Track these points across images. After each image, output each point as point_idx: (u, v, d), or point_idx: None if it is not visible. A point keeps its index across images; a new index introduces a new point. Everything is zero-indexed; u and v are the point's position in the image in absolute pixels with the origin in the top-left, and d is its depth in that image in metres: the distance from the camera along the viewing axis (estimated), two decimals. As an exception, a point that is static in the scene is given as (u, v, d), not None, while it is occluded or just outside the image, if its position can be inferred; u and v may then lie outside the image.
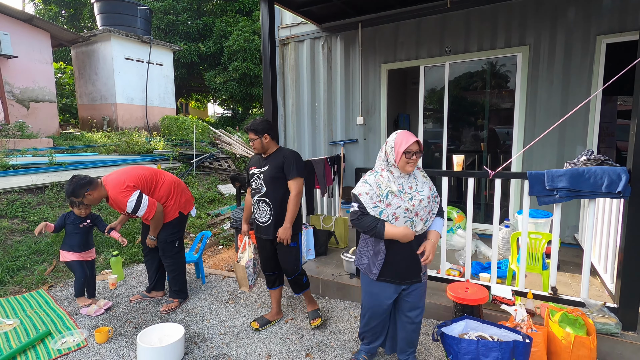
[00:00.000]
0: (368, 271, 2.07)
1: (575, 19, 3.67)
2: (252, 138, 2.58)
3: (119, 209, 2.86)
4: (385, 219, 1.92)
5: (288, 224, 2.57)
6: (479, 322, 2.18)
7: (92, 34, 10.18)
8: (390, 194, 1.92)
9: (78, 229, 3.04)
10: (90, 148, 7.60)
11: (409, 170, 1.93)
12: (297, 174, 2.59)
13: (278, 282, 2.87)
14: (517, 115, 4.07)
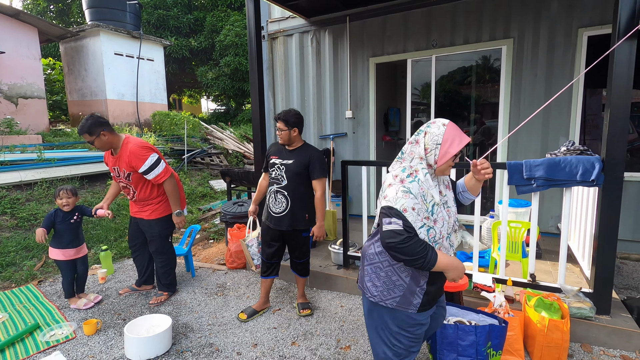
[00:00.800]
0: (404, 304, 1.49)
1: (557, 12, 3.72)
2: (282, 128, 2.61)
3: (128, 165, 2.80)
4: (433, 239, 1.43)
5: (321, 222, 2.70)
6: (459, 308, 2.25)
7: (80, 29, 10.06)
8: (435, 206, 1.44)
9: (69, 226, 2.92)
10: (80, 144, 7.55)
11: (446, 175, 1.55)
12: (322, 174, 2.68)
13: (274, 272, 2.90)
14: (502, 106, 4.13)
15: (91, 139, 2.71)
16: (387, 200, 1.39)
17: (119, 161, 2.85)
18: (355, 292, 3.17)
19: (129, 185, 2.93)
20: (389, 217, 1.36)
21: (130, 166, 2.81)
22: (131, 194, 2.98)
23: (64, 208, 2.87)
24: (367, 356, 2.34)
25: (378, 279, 1.52)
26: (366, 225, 3.24)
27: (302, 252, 2.83)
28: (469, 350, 1.96)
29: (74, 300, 3.05)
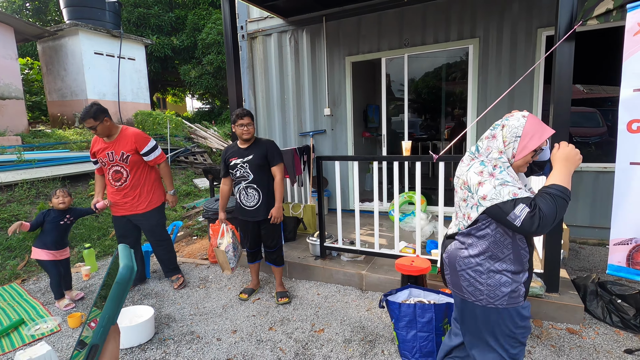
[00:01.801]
0: (514, 300, 1.42)
1: (518, 13, 3.95)
2: (249, 122, 2.80)
3: (131, 146, 3.01)
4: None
5: (279, 203, 2.88)
6: (422, 290, 2.44)
7: (58, 29, 9.93)
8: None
9: (57, 227, 2.96)
10: (61, 145, 7.52)
11: (522, 171, 1.47)
12: (280, 160, 2.90)
13: (259, 257, 3.17)
14: (470, 101, 4.35)
15: (95, 124, 2.87)
16: (490, 200, 1.31)
17: (115, 145, 3.01)
18: (331, 280, 3.35)
19: (123, 169, 3.05)
20: (511, 213, 1.26)
21: (132, 147, 3.01)
22: (123, 179, 3.06)
23: (60, 206, 2.94)
24: (338, 337, 2.52)
25: (481, 282, 1.43)
26: (340, 218, 3.41)
27: (274, 240, 3.00)
28: (427, 326, 2.15)
29: (64, 301, 3.05)
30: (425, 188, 5.25)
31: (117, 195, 3.12)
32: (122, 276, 0.30)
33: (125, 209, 3.14)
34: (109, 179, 3.11)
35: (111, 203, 3.13)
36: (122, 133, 3.05)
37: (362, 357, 2.30)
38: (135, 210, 3.14)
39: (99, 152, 3.06)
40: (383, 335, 2.51)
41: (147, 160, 3.10)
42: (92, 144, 3.11)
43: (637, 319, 2.40)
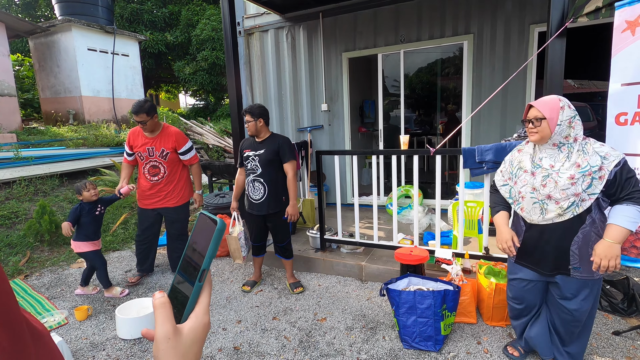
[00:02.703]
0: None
1: (512, 10, 4.04)
2: (248, 120, 2.86)
3: (173, 143, 3.16)
4: (512, 197, 1.83)
5: (293, 201, 2.92)
6: (420, 278, 2.54)
7: (51, 24, 9.83)
8: (519, 170, 1.80)
9: (94, 218, 3.06)
10: (57, 142, 7.49)
11: (534, 140, 1.73)
12: (292, 158, 2.92)
13: (263, 251, 3.25)
14: (464, 97, 4.45)
15: (147, 119, 3.01)
16: None
17: (157, 141, 3.13)
18: (332, 272, 3.44)
19: (161, 165, 3.18)
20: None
21: (173, 145, 3.16)
22: (160, 174, 3.19)
23: (93, 198, 3.00)
24: (340, 325, 2.61)
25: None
26: (340, 210, 3.49)
27: (283, 234, 3.07)
28: (426, 312, 2.25)
29: (113, 289, 3.15)
30: (421, 182, 5.37)
31: (151, 189, 3.21)
32: (220, 225, 0.44)
33: (157, 202, 3.25)
34: (144, 172, 3.19)
35: (135, 189, 3.19)
36: (164, 130, 3.17)
37: (364, 343, 2.39)
38: (167, 203, 3.25)
39: (138, 146, 3.15)
40: (384, 323, 2.60)
41: (182, 159, 3.26)
42: (131, 137, 3.20)
43: (624, 304, 2.52)
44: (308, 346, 2.39)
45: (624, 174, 1.59)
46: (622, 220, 1.57)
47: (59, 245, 4.32)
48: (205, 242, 0.44)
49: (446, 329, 2.28)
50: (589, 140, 1.70)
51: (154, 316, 0.42)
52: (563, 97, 1.74)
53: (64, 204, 5.07)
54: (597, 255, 1.60)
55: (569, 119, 1.68)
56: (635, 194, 1.58)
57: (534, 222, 1.78)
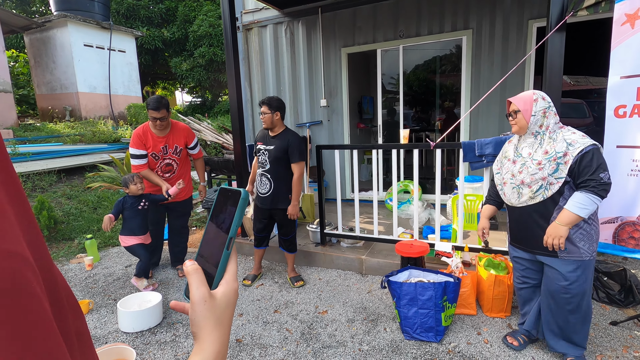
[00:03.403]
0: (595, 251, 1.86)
1: (510, 5, 4.06)
2: (265, 112, 2.86)
3: (185, 140, 3.19)
4: (499, 183, 2.04)
5: (295, 202, 2.94)
6: (421, 270, 2.56)
7: (46, 20, 9.75)
8: (504, 159, 2.00)
9: (138, 212, 3.01)
10: (54, 138, 7.45)
11: (514, 132, 1.94)
12: (300, 159, 2.90)
13: (264, 244, 3.26)
14: (463, 92, 4.47)
15: (165, 115, 2.98)
16: None
17: (170, 139, 3.11)
18: (332, 265, 3.45)
19: (175, 162, 3.18)
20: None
21: (184, 141, 3.18)
22: (173, 170, 3.21)
23: (139, 192, 2.96)
24: (341, 317, 2.63)
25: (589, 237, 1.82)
26: (340, 205, 3.50)
27: (288, 229, 3.09)
28: (427, 303, 2.27)
29: (141, 281, 3.08)
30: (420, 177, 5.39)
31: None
32: (244, 193, 0.45)
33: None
34: (157, 172, 3.16)
35: (182, 184, 3.08)
36: (174, 127, 3.15)
37: (365, 334, 2.41)
38: (177, 198, 3.24)
39: (151, 147, 3.06)
40: (384, 315, 2.63)
41: (191, 154, 3.29)
42: (140, 138, 3.02)
43: (621, 295, 2.56)
44: (310, 338, 2.41)
45: (583, 162, 1.71)
46: (571, 206, 1.74)
47: (58, 241, 4.31)
48: (229, 212, 0.46)
49: (447, 320, 2.30)
50: (563, 129, 1.84)
51: (189, 281, 0.43)
52: (538, 91, 1.92)
53: (62, 200, 5.06)
54: (546, 235, 1.82)
55: (542, 110, 1.85)
56: (590, 182, 1.70)
57: (513, 205, 1.97)
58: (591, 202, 1.70)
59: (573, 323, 1.92)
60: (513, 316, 2.51)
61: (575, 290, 1.85)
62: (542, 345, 2.19)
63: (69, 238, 4.39)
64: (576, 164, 1.72)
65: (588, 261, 1.84)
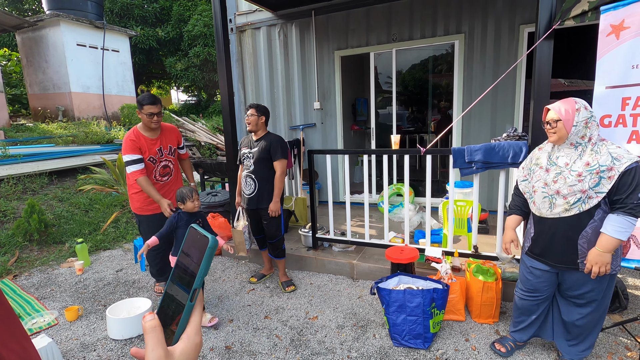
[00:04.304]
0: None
1: (502, 10, 4.07)
2: (252, 113, 2.96)
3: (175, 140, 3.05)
4: (527, 191, 1.95)
5: (277, 198, 2.99)
6: (410, 277, 2.57)
7: (39, 19, 9.65)
8: (535, 166, 1.92)
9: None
10: (46, 139, 7.38)
11: (552, 141, 1.84)
12: (282, 156, 2.97)
13: (265, 245, 3.28)
14: (455, 96, 4.49)
15: (161, 110, 2.85)
16: None
17: (163, 139, 2.94)
18: (324, 270, 3.46)
19: (171, 163, 3.01)
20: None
21: (176, 141, 3.05)
22: (169, 173, 3.02)
23: (195, 209, 2.61)
24: (331, 323, 2.63)
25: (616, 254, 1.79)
26: (332, 209, 3.51)
27: (272, 231, 3.09)
28: (416, 310, 2.28)
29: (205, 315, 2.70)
30: (413, 180, 5.41)
31: (162, 190, 2.95)
32: (212, 241, 0.42)
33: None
34: (155, 176, 2.92)
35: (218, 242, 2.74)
36: (163, 128, 2.99)
37: (354, 341, 2.42)
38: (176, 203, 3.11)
39: (146, 150, 2.84)
40: (374, 321, 2.64)
41: (181, 154, 3.16)
42: (135, 143, 2.78)
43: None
44: (299, 345, 2.41)
45: (624, 179, 1.64)
46: (612, 231, 1.67)
47: (49, 244, 4.28)
48: (197, 259, 0.43)
49: (435, 326, 2.32)
50: (606, 142, 1.75)
51: (145, 340, 0.42)
52: (579, 99, 1.80)
53: (54, 203, 5.02)
54: (589, 262, 1.74)
55: (585, 120, 1.75)
56: (628, 203, 1.64)
57: (543, 216, 1.88)
58: (630, 225, 1.66)
59: (585, 331, 1.95)
60: (501, 322, 2.53)
61: (594, 297, 1.86)
62: (529, 352, 2.21)
63: (59, 241, 4.36)
64: (618, 179, 1.65)
65: (612, 274, 1.83)
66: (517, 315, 2.17)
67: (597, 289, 1.84)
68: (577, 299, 1.90)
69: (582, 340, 1.99)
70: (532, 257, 2.01)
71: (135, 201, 2.97)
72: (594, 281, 1.82)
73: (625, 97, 1.97)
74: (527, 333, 2.17)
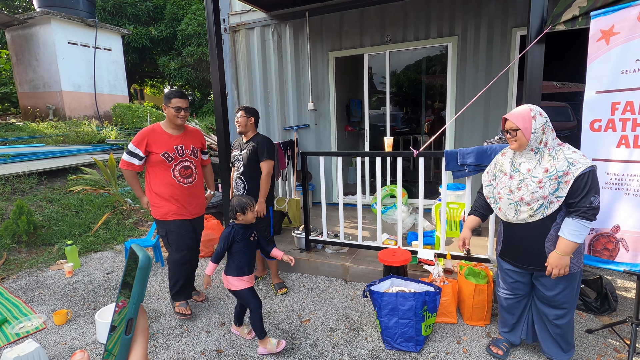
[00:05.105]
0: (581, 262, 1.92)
1: (495, 13, 4.10)
2: (241, 115, 3.00)
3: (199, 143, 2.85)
4: (492, 196, 1.99)
5: (262, 199, 2.99)
6: (403, 279, 2.57)
7: (29, 17, 9.51)
8: (500, 172, 1.96)
9: (248, 245, 2.36)
10: (35, 139, 7.27)
11: (513, 149, 1.89)
12: (268, 157, 2.99)
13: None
14: (449, 97, 4.51)
15: (188, 105, 2.68)
16: None
17: (185, 139, 2.72)
18: (317, 272, 3.45)
19: (193, 164, 2.76)
20: None
21: (199, 144, 2.85)
22: (193, 175, 2.76)
23: (252, 221, 2.37)
24: (324, 326, 2.63)
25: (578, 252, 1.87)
26: (325, 211, 3.50)
27: (261, 232, 3.04)
28: (408, 313, 2.28)
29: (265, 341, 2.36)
30: (407, 181, 5.43)
31: (185, 194, 2.70)
32: (143, 262, 0.38)
33: (194, 210, 2.78)
34: (175, 176, 2.66)
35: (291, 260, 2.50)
36: (187, 129, 2.80)
37: (347, 344, 2.42)
38: (202, 211, 2.88)
39: (162, 147, 2.61)
40: (367, 323, 2.63)
41: (203, 159, 2.93)
42: (148, 137, 2.59)
43: (597, 302, 2.61)
44: (291, 348, 2.40)
45: (577, 183, 1.71)
46: (568, 234, 1.75)
47: (38, 246, 4.21)
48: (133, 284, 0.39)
49: (427, 329, 2.32)
50: (563, 147, 1.82)
51: None
52: (534, 106, 1.87)
53: (43, 204, 4.95)
54: (549, 265, 1.82)
55: (542, 126, 1.82)
56: (581, 207, 1.71)
57: (510, 221, 1.95)
58: (584, 227, 1.73)
59: (562, 329, 1.99)
60: (492, 324, 2.54)
61: (563, 299, 1.93)
62: (520, 354, 2.23)
63: (49, 243, 4.30)
64: (574, 183, 1.71)
65: (575, 273, 1.91)
66: (503, 314, 2.23)
67: (569, 288, 1.91)
68: (552, 299, 1.96)
69: (565, 339, 2.03)
70: (504, 260, 2.09)
71: (158, 207, 2.66)
72: (565, 281, 1.90)
73: (614, 102, 1.99)
74: (516, 334, 2.20)
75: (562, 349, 2.05)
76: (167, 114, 2.66)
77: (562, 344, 2.03)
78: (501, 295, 2.18)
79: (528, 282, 2.05)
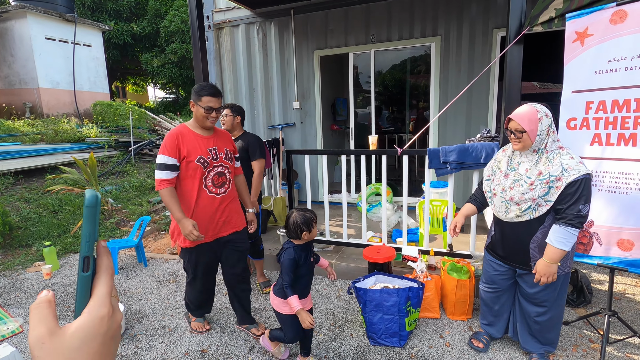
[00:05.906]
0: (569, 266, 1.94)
1: (476, 14, 4.18)
2: (227, 114, 2.93)
3: (232, 146, 2.40)
4: (489, 191, 2.02)
5: (254, 197, 2.92)
6: (387, 276, 2.60)
7: (3, 10, 9.17)
8: (497, 169, 1.98)
9: (309, 265, 2.08)
10: (11, 137, 7.03)
11: (517, 149, 1.85)
12: (260, 156, 2.95)
13: None
14: (432, 97, 4.57)
15: (222, 106, 2.29)
16: None
17: (217, 141, 2.29)
18: (302, 270, 3.45)
19: (227, 170, 2.31)
20: None
21: (232, 147, 2.41)
22: (227, 184, 2.31)
23: (313, 237, 2.03)
24: (309, 324, 2.63)
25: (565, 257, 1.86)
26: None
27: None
28: (392, 309, 2.31)
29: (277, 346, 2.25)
30: (391, 179, 5.48)
31: (219, 207, 2.26)
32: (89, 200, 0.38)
33: (225, 225, 2.32)
34: (207, 185, 2.21)
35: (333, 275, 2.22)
36: (217, 130, 2.37)
37: (332, 341, 2.43)
38: (236, 226, 2.38)
39: (195, 151, 2.16)
40: (352, 320, 2.65)
41: (236, 167, 2.46)
42: (177, 142, 2.13)
43: (573, 295, 2.70)
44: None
45: (567, 189, 1.70)
46: (555, 242, 1.75)
47: (14, 248, 4.08)
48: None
49: (410, 324, 2.36)
50: (562, 151, 1.78)
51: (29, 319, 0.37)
52: (540, 106, 1.82)
53: (20, 204, 4.79)
54: (537, 272, 1.83)
55: (547, 128, 1.79)
56: (569, 214, 1.70)
57: (500, 218, 1.99)
58: (571, 235, 1.72)
59: (541, 325, 2.03)
60: (474, 318, 2.60)
61: (544, 297, 1.96)
62: (500, 346, 2.28)
63: (26, 245, 4.17)
64: (565, 189, 1.70)
65: (565, 274, 1.93)
66: (483, 307, 2.28)
67: (550, 287, 1.92)
68: (533, 297, 1.98)
69: (543, 335, 2.06)
70: (491, 254, 2.14)
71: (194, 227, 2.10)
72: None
73: (588, 101, 2.06)
74: (496, 328, 2.25)
75: (539, 342, 2.09)
76: (195, 113, 2.20)
77: (540, 338, 2.08)
78: (482, 288, 2.24)
79: (510, 277, 2.08)
